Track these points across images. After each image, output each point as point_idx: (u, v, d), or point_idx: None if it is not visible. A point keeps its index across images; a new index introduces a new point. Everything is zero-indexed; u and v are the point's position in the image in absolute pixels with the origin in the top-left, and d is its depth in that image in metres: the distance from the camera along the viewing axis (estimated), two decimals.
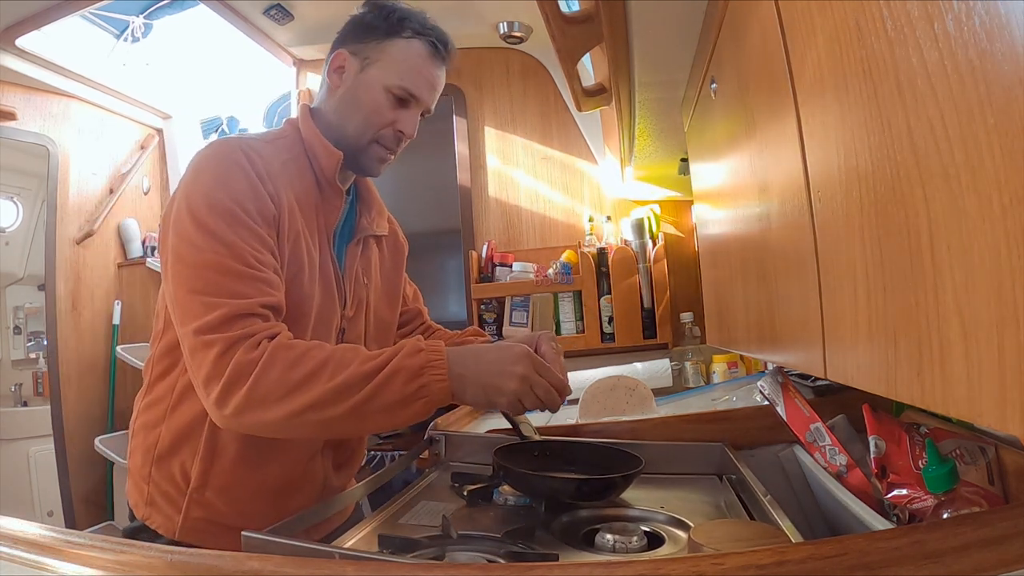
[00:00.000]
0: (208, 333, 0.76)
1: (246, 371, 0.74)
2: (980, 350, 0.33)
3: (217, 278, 0.78)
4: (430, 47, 0.95)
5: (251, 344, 0.76)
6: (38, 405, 2.58)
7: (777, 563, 0.46)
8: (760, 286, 0.85)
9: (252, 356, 0.75)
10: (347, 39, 0.96)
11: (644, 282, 2.13)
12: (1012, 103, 0.29)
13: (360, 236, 1.01)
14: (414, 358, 0.78)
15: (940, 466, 0.65)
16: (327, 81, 0.97)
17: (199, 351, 0.77)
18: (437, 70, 0.97)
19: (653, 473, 1.03)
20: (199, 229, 0.79)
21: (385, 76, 0.93)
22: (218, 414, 0.76)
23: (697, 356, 2.06)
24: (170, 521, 0.88)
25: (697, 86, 1.16)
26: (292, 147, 0.94)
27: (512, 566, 0.63)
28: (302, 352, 0.76)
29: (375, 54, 0.94)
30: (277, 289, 0.82)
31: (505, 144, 2.42)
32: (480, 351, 0.84)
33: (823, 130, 0.55)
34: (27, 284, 2.70)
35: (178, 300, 0.80)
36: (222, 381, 0.75)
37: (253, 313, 0.78)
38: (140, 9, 2.47)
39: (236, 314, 0.76)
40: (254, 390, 0.74)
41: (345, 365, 0.76)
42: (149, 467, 0.90)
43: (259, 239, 0.82)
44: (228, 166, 0.84)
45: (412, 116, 0.96)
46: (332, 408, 0.75)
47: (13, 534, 0.60)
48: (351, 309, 0.98)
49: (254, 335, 0.76)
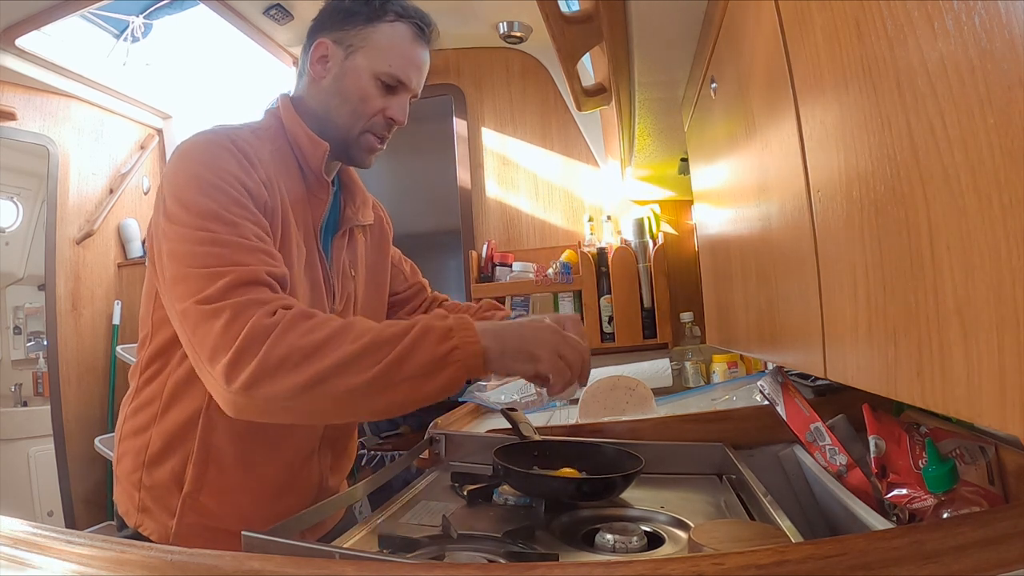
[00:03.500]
0: (214, 302, 0.69)
1: (260, 337, 0.67)
2: (980, 350, 0.33)
3: (217, 250, 0.72)
4: (415, 29, 0.92)
5: (266, 311, 0.69)
6: (38, 405, 2.58)
7: (777, 563, 0.46)
8: (760, 286, 0.85)
9: (267, 322, 0.68)
10: (327, 26, 0.93)
11: (644, 282, 2.13)
12: (1012, 103, 0.29)
13: (346, 227, 0.99)
14: (443, 320, 0.72)
15: (940, 466, 0.65)
16: (309, 71, 0.93)
17: (204, 322, 0.69)
18: (423, 52, 0.94)
19: (653, 473, 1.03)
20: (190, 211, 0.74)
21: (372, 63, 0.90)
22: (224, 391, 0.68)
23: (697, 356, 2.05)
24: (164, 527, 0.86)
25: (697, 86, 1.16)
26: (276, 138, 0.90)
27: (512, 566, 0.63)
28: (322, 320, 0.70)
29: (359, 40, 0.90)
30: (280, 262, 0.77)
31: (505, 144, 2.42)
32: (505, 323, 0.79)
33: (823, 130, 0.55)
34: (27, 284, 2.70)
35: (179, 279, 0.73)
36: (232, 349, 0.67)
37: (260, 281, 0.72)
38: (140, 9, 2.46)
39: (243, 281, 0.70)
40: (268, 356, 0.67)
41: (368, 329, 0.70)
42: (140, 472, 0.87)
43: (255, 219, 0.78)
44: (217, 150, 0.80)
45: (401, 102, 0.93)
46: (355, 375, 0.67)
47: (12, 534, 0.60)
48: (340, 303, 0.96)
49: (268, 303, 0.70)
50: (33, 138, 2.40)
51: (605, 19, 0.99)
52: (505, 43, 2.30)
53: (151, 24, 2.53)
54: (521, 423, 1.05)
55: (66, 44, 2.31)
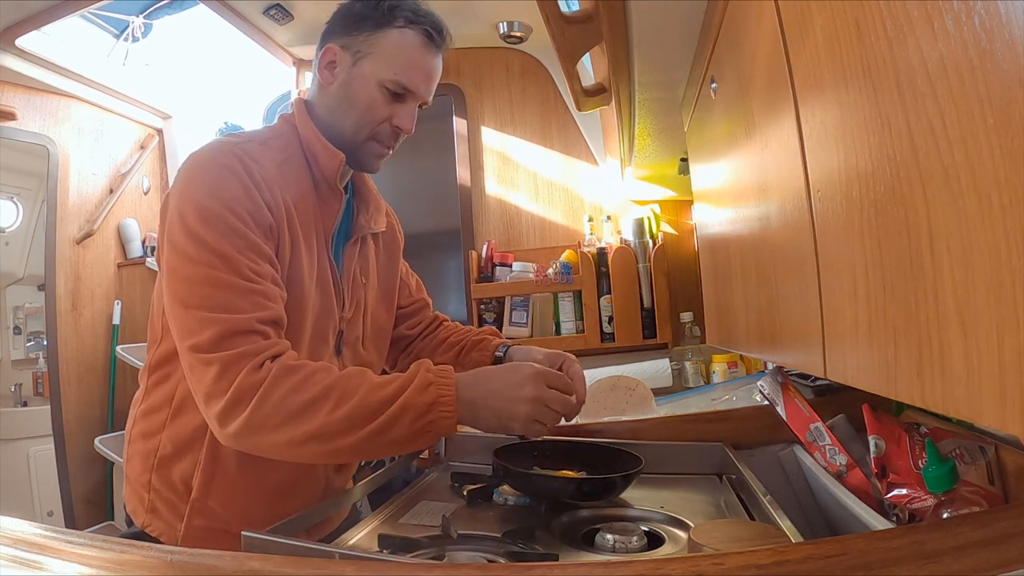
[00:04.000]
0: (205, 352, 0.74)
1: (248, 393, 0.73)
2: (980, 350, 0.33)
3: (211, 292, 0.76)
4: (424, 36, 0.90)
5: (254, 365, 0.74)
6: (38, 405, 2.58)
7: (777, 563, 0.46)
8: (760, 286, 0.85)
9: (255, 378, 0.73)
10: (336, 31, 0.92)
11: (644, 282, 2.13)
12: (1012, 103, 0.29)
13: (358, 235, 0.99)
14: (424, 394, 0.76)
15: (940, 466, 0.65)
16: (318, 77, 0.93)
17: (197, 369, 0.75)
18: (433, 59, 0.92)
19: (653, 473, 1.03)
20: (192, 240, 0.77)
21: (379, 70, 0.89)
22: (220, 432, 0.75)
23: (697, 356, 2.05)
24: (172, 529, 0.87)
25: (697, 86, 1.15)
26: (288, 147, 0.91)
27: (512, 566, 0.63)
28: (307, 375, 0.75)
29: (366, 47, 0.89)
30: (275, 301, 0.80)
31: (505, 144, 2.41)
32: (489, 375, 0.83)
33: (823, 130, 0.55)
34: (27, 284, 2.70)
35: (175, 315, 0.78)
36: (223, 401, 0.73)
37: (252, 330, 0.76)
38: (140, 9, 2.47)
39: (233, 331, 0.75)
40: (256, 413, 0.72)
41: (351, 394, 0.75)
42: (149, 474, 0.88)
43: (255, 249, 0.79)
44: (221, 172, 0.81)
45: (409, 110, 0.92)
46: (336, 440, 0.74)
47: (12, 534, 0.60)
48: (349, 311, 0.96)
49: (257, 355, 0.74)
50: (33, 138, 2.39)
51: (605, 19, 0.99)
52: (505, 43, 2.30)
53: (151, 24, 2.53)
54: None
55: (66, 44, 2.31)
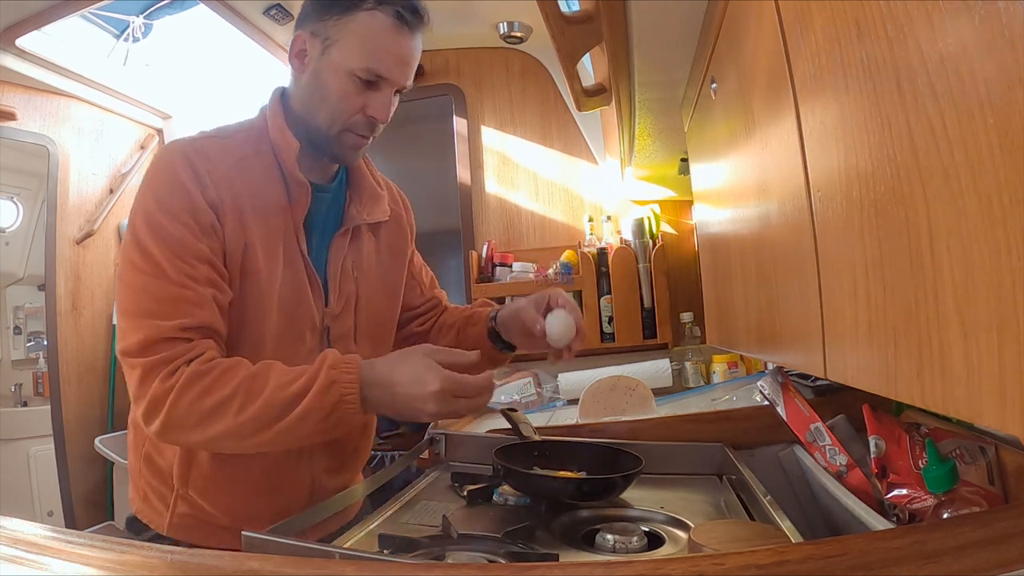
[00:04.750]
0: (131, 356, 0.78)
1: (161, 400, 0.76)
2: (980, 350, 0.33)
3: (141, 298, 0.80)
4: (395, 17, 0.84)
5: (167, 372, 0.76)
6: (38, 405, 2.57)
7: (777, 563, 0.46)
8: (760, 286, 0.85)
9: (166, 385, 0.76)
10: (308, 18, 0.87)
11: (644, 282, 2.13)
12: (1012, 103, 0.29)
13: (348, 226, 0.95)
14: (326, 396, 0.76)
15: (940, 466, 0.65)
16: (290, 67, 0.90)
17: (126, 372, 0.80)
18: (407, 42, 0.87)
19: (653, 473, 1.03)
20: (136, 246, 0.81)
21: (348, 58, 0.84)
22: (147, 431, 0.80)
23: (697, 356, 2.05)
24: (160, 516, 0.90)
25: (697, 86, 1.15)
26: (257, 140, 0.89)
27: (512, 566, 0.63)
28: (216, 378, 0.77)
29: (335, 33, 0.84)
30: (204, 307, 0.80)
31: (505, 144, 2.41)
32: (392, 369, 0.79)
33: (823, 130, 0.55)
34: (27, 284, 2.69)
35: (118, 318, 0.83)
36: (143, 406, 0.77)
37: (173, 337, 0.78)
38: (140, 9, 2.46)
39: (156, 338, 0.77)
40: (170, 417, 0.76)
41: (256, 395, 0.76)
42: (139, 463, 0.93)
43: (193, 253, 0.80)
44: (167, 175, 0.83)
45: (383, 98, 0.87)
46: (251, 438, 0.77)
47: (13, 534, 0.60)
48: (338, 305, 0.93)
49: (172, 361, 0.77)
50: (33, 138, 2.39)
51: (605, 19, 0.99)
52: (505, 43, 2.30)
53: (151, 24, 2.53)
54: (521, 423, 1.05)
55: (66, 44, 2.30)
